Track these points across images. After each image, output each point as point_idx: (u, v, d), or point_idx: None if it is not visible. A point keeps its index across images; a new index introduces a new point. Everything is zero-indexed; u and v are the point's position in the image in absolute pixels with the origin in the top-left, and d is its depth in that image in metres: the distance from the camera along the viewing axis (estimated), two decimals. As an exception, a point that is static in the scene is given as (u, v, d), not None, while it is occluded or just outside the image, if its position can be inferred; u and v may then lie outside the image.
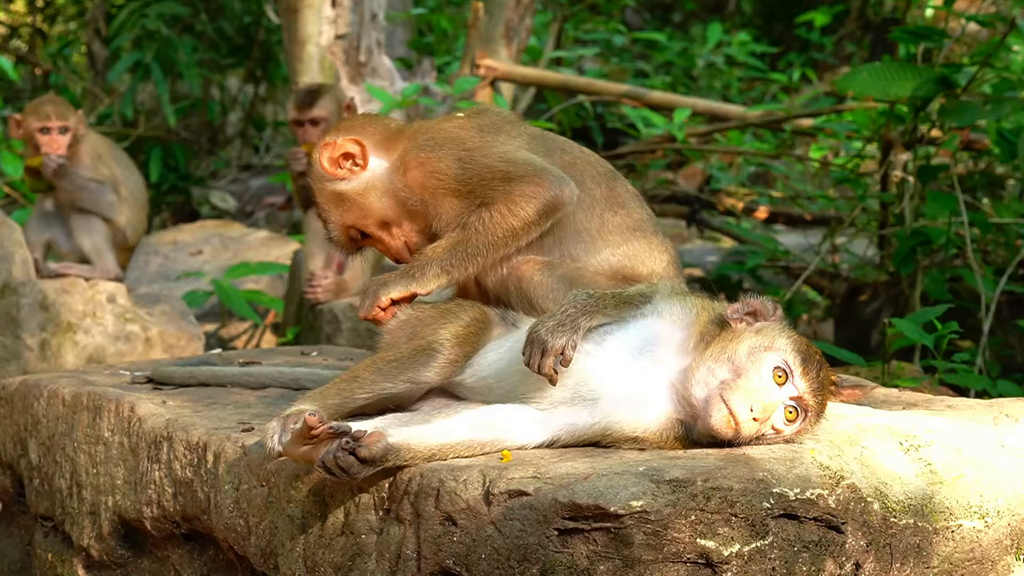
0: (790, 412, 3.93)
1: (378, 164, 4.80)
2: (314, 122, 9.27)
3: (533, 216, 4.59)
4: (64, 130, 8.95)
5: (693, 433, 3.97)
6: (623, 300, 4.16)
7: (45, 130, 8.92)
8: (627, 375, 4.03)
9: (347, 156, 4.79)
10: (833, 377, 4.14)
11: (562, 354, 3.99)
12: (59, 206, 9.16)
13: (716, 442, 3.92)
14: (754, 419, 3.86)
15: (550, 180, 4.61)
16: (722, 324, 4.06)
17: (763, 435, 3.92)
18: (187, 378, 5.52)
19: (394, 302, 4.67)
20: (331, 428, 3.97)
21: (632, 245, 4.80)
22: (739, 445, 3.89)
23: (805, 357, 3.96)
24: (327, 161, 4.80)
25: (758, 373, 3.91)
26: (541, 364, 3.99)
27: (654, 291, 4.22)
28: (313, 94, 9.49)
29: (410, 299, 4.68)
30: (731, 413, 3.85)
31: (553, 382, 4.02)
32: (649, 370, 4.03)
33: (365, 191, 4.78)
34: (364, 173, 4.79)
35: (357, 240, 4.90)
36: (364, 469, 3.89)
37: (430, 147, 4.76)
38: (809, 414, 3.95)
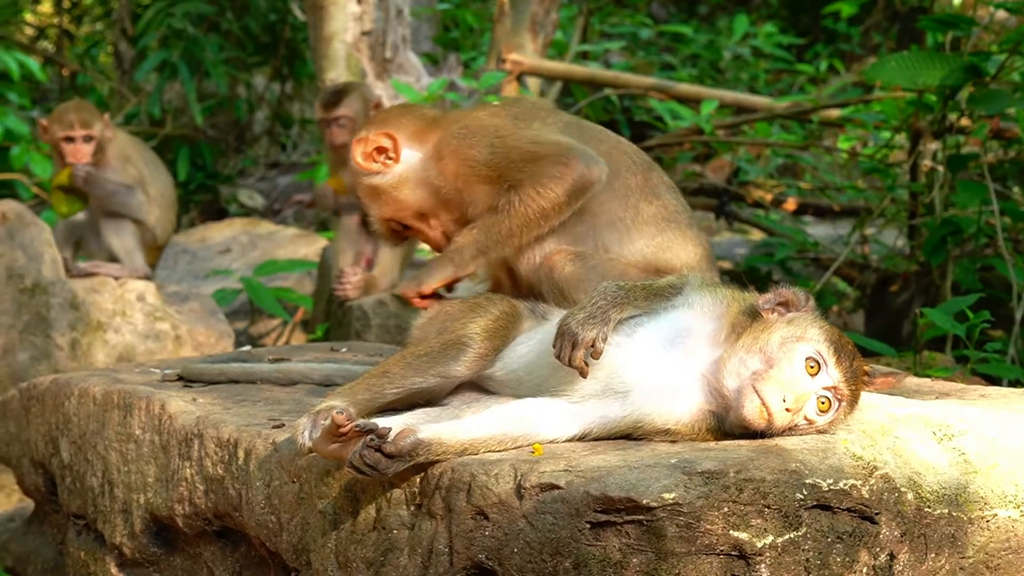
0: (823, 402, 3.91)
1: (411, 156, 4.83)
2: (339, 121, 9.28)
3: (562, 196, 4.61)
4: (88, 139, 8.90)
5: (725, 424, 3.95)
6: (653, 292, 4.14)
7: (69, 139, 8.89)
8: (658, 367, 4.02)
9: (380, 150, 4.85)
10: (866, 367, 4.12)
11: (592, 346, 3.97)
12: (89, 207, 9.17)
13: (748, 433, 3.90)
14: (787, 409, 3.84)
15: (578, 159, 4.62)
16: (753, 315, 4.05)
17: (796, 425, 3.90)
18: (217, 375, 5.53)
19: (434, 293, 4.70)
20: (358, 426, 3.96)
21: (666, 236, 4.79)
22: (771, 436, 3.88)
23: (838, 347, 3.95)
24: (360, 156, 4.85)
25: (790, 363, 3.89)
26: (572, 356, 3.97)
27: (684, 282, 4.20)
28: (339, 93, 9.50)
29: (453, 283, 4.75)
30: (764, 403, 3.84)
31: (584, 375, 4.00)
32: (680, 362, 4.01)
33: (399, 184, 4.82)
34: (397, 166, 4.84)
35: (399, 231, 4.96)
36: (393, 464, 3.88)
37: (463, 135, 4.80)
38: (842, 404, 3.93)
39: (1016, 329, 7.90)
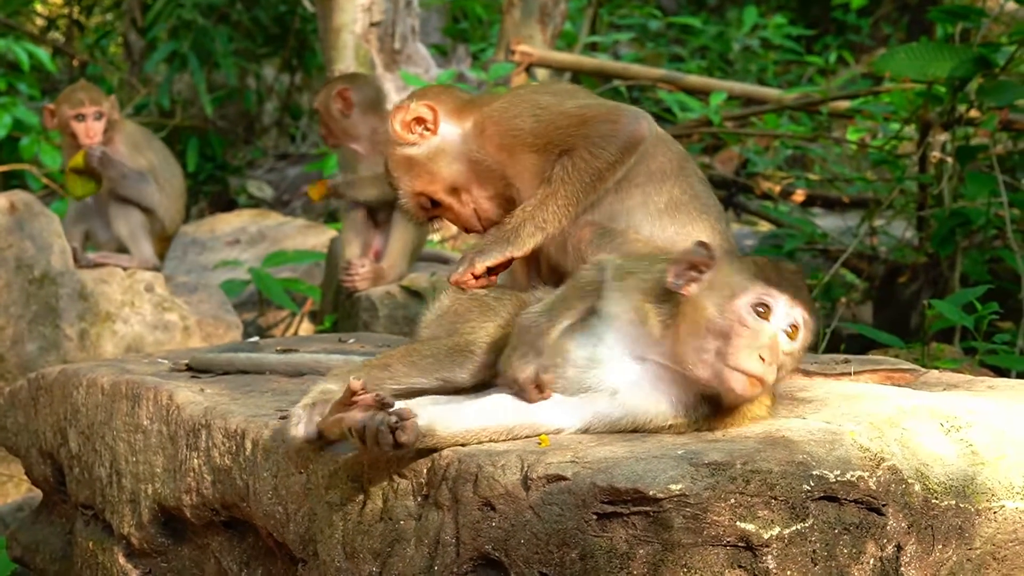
0: (790, 331, 3.86)
1: (449, 131, 4.82)
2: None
3: (616, 154, 4.59)
4: (99, 115, 8.93)
5: (718, 399, 3.93)
6: (579, 291, 4.13)
7: (80, 117, 8.89)
8: (623, 370, 4.01)
9: (419, 121, 4.81)
10: (791, 266, 4.06)
11: (537, 386, 4.00)
12: (97, 196, 9.17)
13: (757, 423, 3.91)
14: (768, 363, 3.80)
15: (627, 116, 4.63)
16: (671, 295, 3.97)
17: (780, 366, 3.87)
18: (225, 366, 5.54)
19: (490, 270, 4.65)
20: (377, 397, 3.95)
21: (696, 226, 4.77)
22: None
23: (766, 276, 3.88)
24: (399, 124, 4.82)
25: (742, 323, 3.82)
26: (527, 399, 4.01)
27: (603, 275, 4.14)
28: (348, 80, 9.50)
29: (507, 264, 4.67)
30: (747, 374, 3.80)
31: (547, 397, 4.02)
32: (637, 367, 4.00)
33: (435, 156, 4.80)
34: (435, 138, 4.81)
35: (427, 208, 4.89)
36: (394, 450, 3.87)
37: (505, 108, 4.78)
38: (804, 314, 3.87)
39: (1024, 320, 7.89)
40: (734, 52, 19.07)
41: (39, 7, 21.38)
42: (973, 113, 9.18)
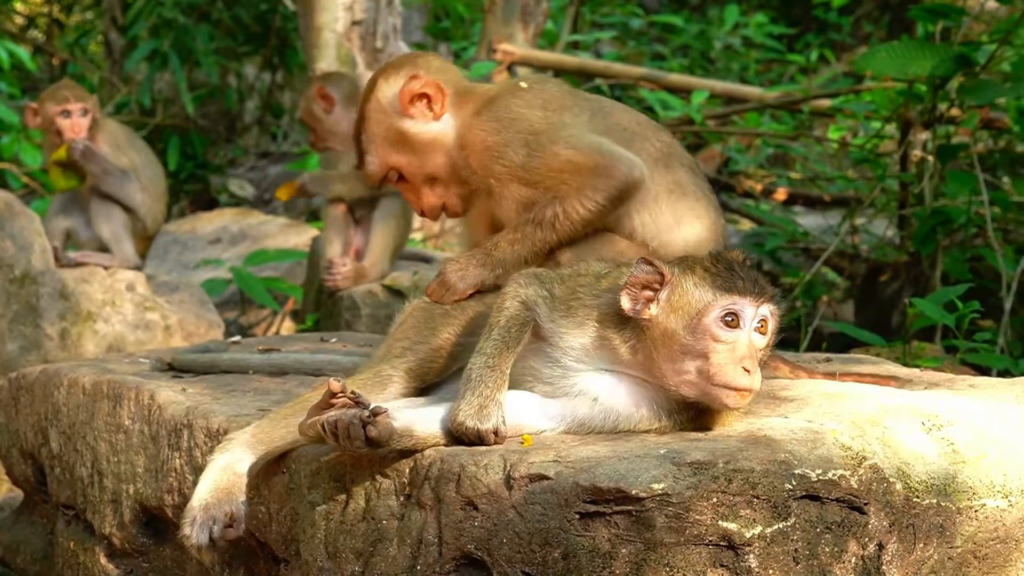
0: (760, 327, 3.86)
1: (448, 122, 4.70)
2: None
3: (608, 205, 4.53)
4: (84, 112, 8.94)
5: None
6: (509, 334, 4.03)
7: (66, 113, 8.89)
8: (599, 383, 4.01)
9: (424, 97, 4.67)
10: (739, 255, 4.02)
11: (496, 434, 3.93)
12: (79, 194, 9.15)
13: (740, 423, 3.91)
14: (752, 373, 3.80)
15: (620, 166, 4.53)
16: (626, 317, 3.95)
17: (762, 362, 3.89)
18: (209, 366, 5.53)
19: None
20: (352, 396, 3.93)
21: (692, 214, 4.74)
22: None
23: (724, 281, 3.85)
24: (408, 93, 4.64)
25: (716, 339, 3.81)
26: (486, 446, 3.94)
27: (531, 310, 4.08)
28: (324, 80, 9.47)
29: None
30: (736, 389, 3.80)
31: (502, 442, 3.96)
32: (612, 377, 4.00)
33: (431, 143, 4.68)
34: (435, 123, 4.68)
35: (391, 181, 4.78)
36: (366, 447, 3.87)
37: (496, 128, 4.64)
38: (770, 308, 3.86)
39: (1005, 319, 7.92)
40: (716, 51, 19.09)
41: (18, 6, 21.33)
42: (954, 112, 9.21)
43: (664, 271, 3.89)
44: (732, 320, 3.82)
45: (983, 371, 7.23)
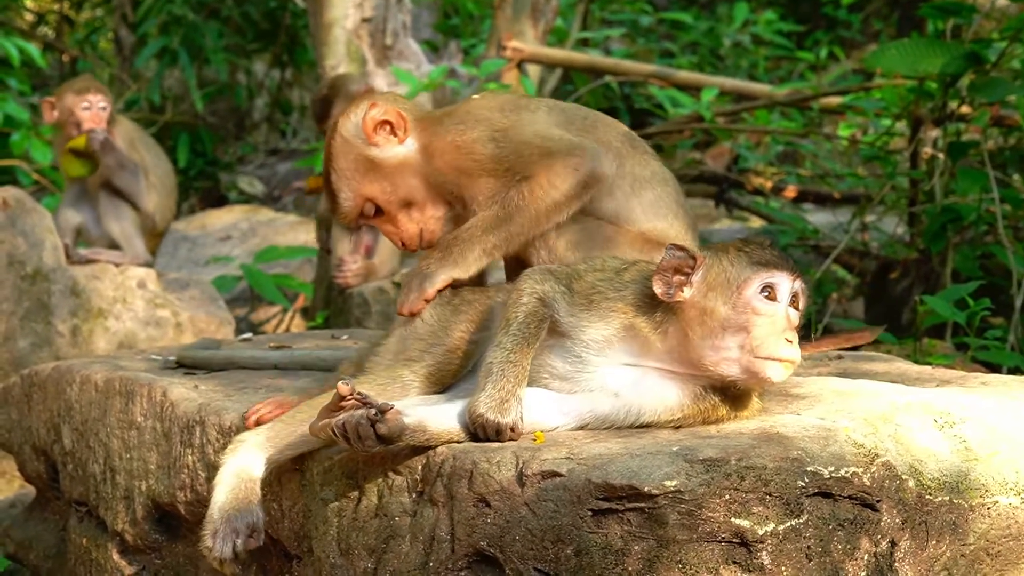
0: (795, 303, 3.92)
1: (412, 143, 4.73)
2: None
3: (576, 189, 4.52)
4: (104, 106, 9.01)
5: (735, 386, 3.95)
6: (526, 330, 4.05)
7: (87, 105, 8.96)
8: (619, 377, 4.02)
9: (386, 124, 4.69)
10: (764, 239, 4.12)
11: (513, 429, 3.95)
12: (89, 191, 9.18)
13: (751, 421, 3.92)
14: (792, 344, 3.85)
15: (590, 153, 4.57)
16: (656, 301, 3.99)
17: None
18: (225, 363, 5.55)
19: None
20: (360, 396, 3.95)
21: (661, 203, 4.75)
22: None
23: (759, 257, 3.92)
24: (370, 122, 4.67)
25: (758, 312, 3.86)
26: (488, 438, 3.95)
27: (549, 304, 4.10)
28: (325, 102, 9.46)
29: (451, 284, 4.59)
30: (780, 360, 3.83)
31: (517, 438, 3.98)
32: (633, 371, 4.01)
33: (400, 165, 4.67)
34: (400, 147, 4.69)
35: (368, 216, 4.74)
36: (377, 444, 3.87)
37: (461, 129, 4.68)
38: (800, 283, 3.92)
39: (1016, 316, 7.91)
40: (725, 48, 19.08)
41: (28, 2, 21.35)
42: (964, 109, 9.19)
43: (696, 254, 3.95)
44: (770, 293, 3.86)
45: (994, 368, 7.23)
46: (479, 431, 3.95)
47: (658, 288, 3.94)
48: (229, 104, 18.05)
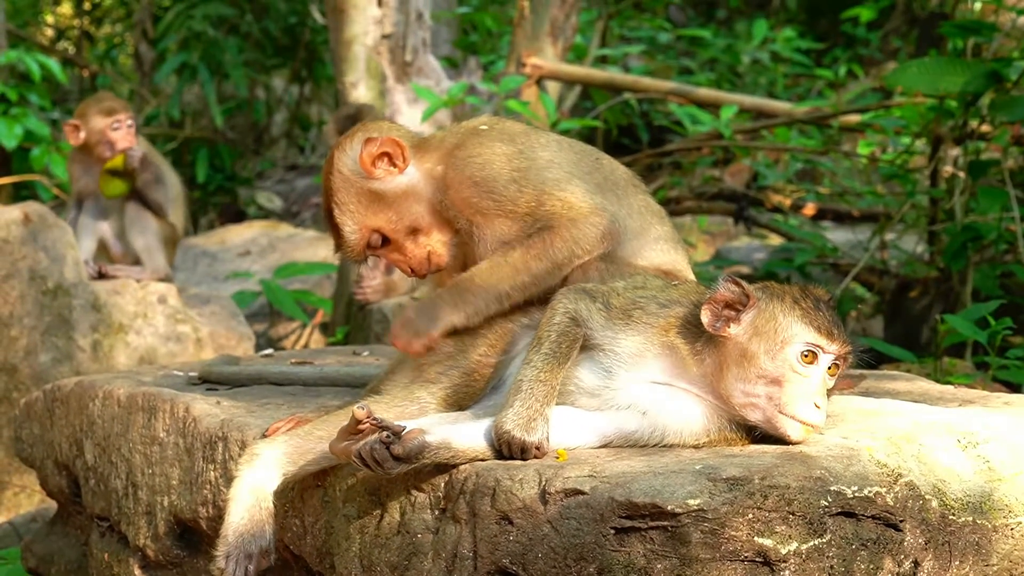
0: (833, 370, 3.93)
1: (413, 171, 4.69)
2: None
3: (593, 247, 4.45)
4: (131, 123, 9.04)
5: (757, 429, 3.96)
6: (558, 350, 4.03)
7: (117, 124, 8.97)
8: (648, 395, 4.02)
9: (384, 156, 4.65)
10: (824, 294, 4.05)
11: (539, 448, 3.94)
12: (110, 204, 9.18)
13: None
14: (820, 409, 3.88)
15: (610, 215, 4.51)
16: (701, 328, 3.98)
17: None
18: (254, 378, 5.57)
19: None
20: (375, 421, 3.96)
21: (665, 241, 4.76)
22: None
23: (811, 319, 3.91)
24: (367, 157, 4.62)
25: (794, 371, 3.88)
26: (523, 460, 3.93)
27: (583, 323, 4.08)
28: (353, 119, 9.47)
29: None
30: (803, 423, 3.87)
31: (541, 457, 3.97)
32: (664, 389, 4.02)
33: (404, 194, 4.64)
34: (401, 176, 4.65)
35: (375, 247, 4.70)
36: (398, 465, 3.89)
37: (479, 165, 4.61)
38: (846, 351, 3.93)
39: (1036, 335, 7.90)
40: (743, 65, 19.08)
41: (49, 18, 21.43)
42: (985, 128, 9.19)
43: (751, 293, 3.96)
44: (809, 355, 3.88)
45: (1014, 388, 7.22)
46: (504, 448, 3.95)
47: (706, 318, 3.95)
48: (248, 120, 18.10)
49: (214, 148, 16.95)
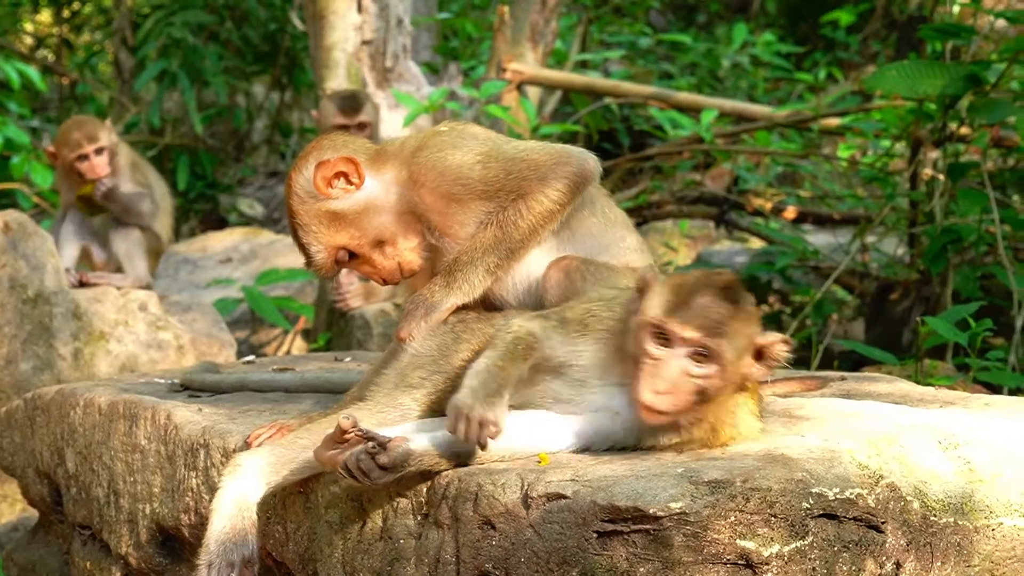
0: (698, 357, 3.82)
1: (372, 183, 4.70)
2: (361, 126, 9.19)
3: (568, 194, 4.57)
4: (100, 151, 8.94)
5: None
6: (513, 352, 4.04)
7: (82, 157, 8.92)
8: (618, 397, 4.03)
9: (340, 175, 4.67)
10: (719, 279, 3.93)
11: (495, 426, 3.89)
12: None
13: (756, 442, 3.93)
14: (663, 393, 3.82)
15: (576, 156, 4.61)
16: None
17: (699, 389, 3.85)
18: (236, 385, 5.56)
19: None
20: (361, 431, 3.97)
21: (631, 238, 4.80)
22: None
23: (672, 300, 3.85)
24: (321, 180, 4.65)
25: (647, 354, 3.84)
26: (475, 436, 3.88)
27: (536, 332, 4.09)
28: (356, 98, 9.45)
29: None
30: (644, 406, 3.83)
31: (484, 448, 3.96)
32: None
33: (364, 209, 4.66)
34: (359, 192, 4.67)
35: (344, 261, 4.74)
36: (384, 475, 3.90)
37: (442, 156, 4.68)
38: (721, 340, 3.81)
39: (1017, 337, 7.92)
40: (724, 69, 19.10)
41: (28, 26, 21.38)
42: (964, 130, 9.21)
43: (645, 279, 3.95)
44: (663, 340, 3.83)
45: (995, 389, 7.23)
46: (460, 423, 3.87)
47: (627, 308, 4.00)
48: (228, 126, 18.08)
49: (195, 155, 16.92)
